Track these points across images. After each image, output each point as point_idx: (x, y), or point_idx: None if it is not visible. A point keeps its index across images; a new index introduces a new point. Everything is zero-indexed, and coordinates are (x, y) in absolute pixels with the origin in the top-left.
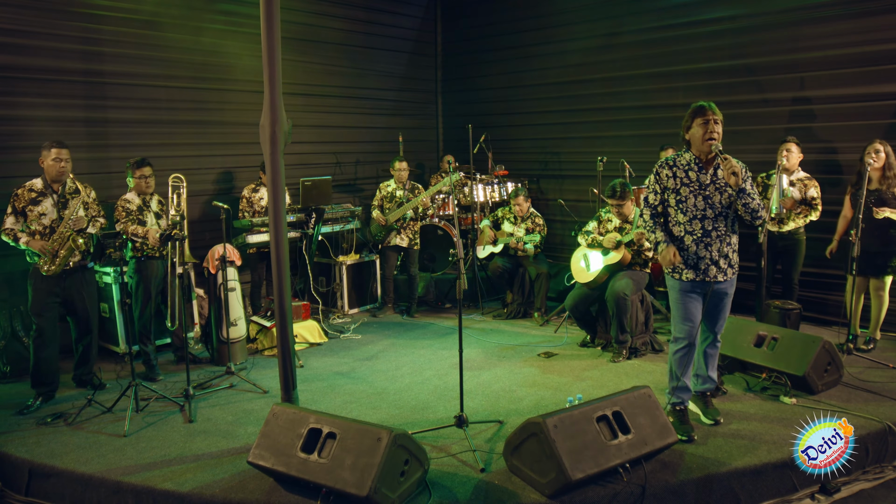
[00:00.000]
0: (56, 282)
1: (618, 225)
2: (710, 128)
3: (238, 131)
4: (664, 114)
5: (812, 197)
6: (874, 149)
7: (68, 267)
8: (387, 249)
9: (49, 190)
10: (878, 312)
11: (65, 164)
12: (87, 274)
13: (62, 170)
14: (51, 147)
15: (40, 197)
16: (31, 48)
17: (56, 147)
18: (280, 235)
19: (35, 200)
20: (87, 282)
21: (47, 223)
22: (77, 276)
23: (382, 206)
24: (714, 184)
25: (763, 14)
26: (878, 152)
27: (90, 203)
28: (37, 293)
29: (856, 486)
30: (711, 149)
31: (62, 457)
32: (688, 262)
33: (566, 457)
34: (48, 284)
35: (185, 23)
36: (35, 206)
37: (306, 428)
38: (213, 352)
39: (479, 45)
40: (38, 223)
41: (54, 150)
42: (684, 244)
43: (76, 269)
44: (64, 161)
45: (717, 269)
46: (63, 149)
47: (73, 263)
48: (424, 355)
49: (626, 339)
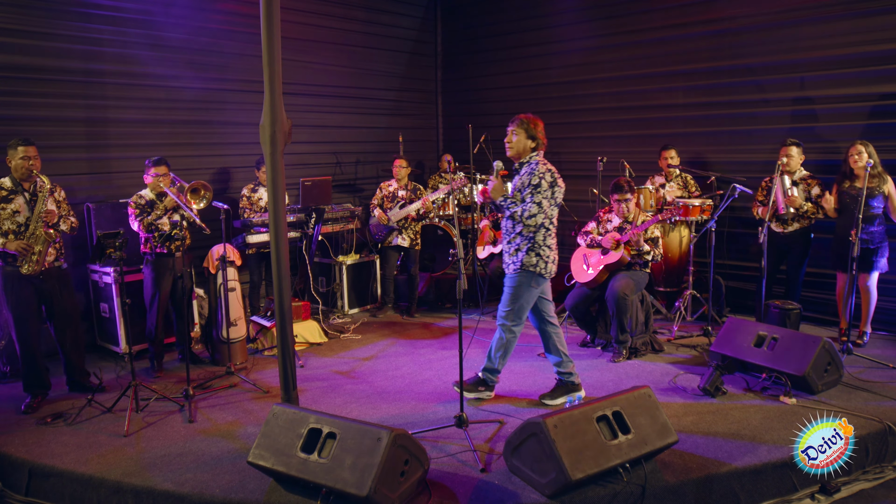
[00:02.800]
0: (33, 282)
1: (618, 225)
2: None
3: (238, 131)
4: (664, 114)
5: (817, 195)
6: (856, 150)
7: (45, 267)
8: (387, 249)
9: (20, 188)
10: (868, 307)
11: (33, 161)
12: (62, 274)
13: (30, 167)
14: (17, 145)
15: (11, 195)
16: (31, 48)
17: (23, 145)
18: (280, 235)
19: (6, 199)
20: (63, 282)
21: (22, 220)
22: (54, 278)
23: (383, 205)
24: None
25: (763, 14)
26: (861, 153)
27: (61, 202)
28: (13, 296)
29: (856, 486)
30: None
31: (62, 457)
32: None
33: (566, 457)
34: (25, 287)
35: (185, 22)
36: (7, 205)
37: (306, 428)
38: (213, 352)
39: (479, 45)
40: (11, 221)
41: (21, 147)
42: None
43: (52, 269)
44: (32, 159)
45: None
46: (30, 146)
47: (49, 264)
48: (424, 355)
49: (626, 339)
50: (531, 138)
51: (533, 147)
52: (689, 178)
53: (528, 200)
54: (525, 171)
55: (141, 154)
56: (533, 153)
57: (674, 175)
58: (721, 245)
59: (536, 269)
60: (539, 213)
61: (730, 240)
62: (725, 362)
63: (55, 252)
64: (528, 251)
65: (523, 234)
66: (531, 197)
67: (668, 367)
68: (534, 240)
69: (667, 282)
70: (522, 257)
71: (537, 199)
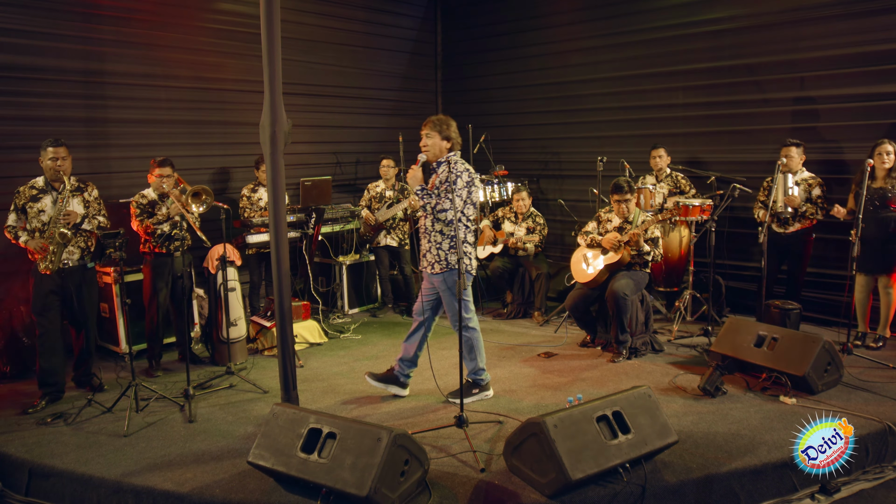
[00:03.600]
0: (56, 281)
1: (617, 225)
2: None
3: (238, 131)
4: (664, 114)
5: (817, 196)
6: (885, 150)
7: (67, 266)
8: (378, 249)
9: (49, 188)
10: (888, 310)
11: (61, 162)
12: (86, 274)
13: (59, 168)
14: (47, 146)
15: (41, 194)
16: (31, 48)
17: (52, 146)
18: (280, 235)
19: (35, 197)
20: (86, 282)
21: (46, 220)
22: (76, 276)
23: (370, 206)
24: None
25: (763, 14)
26: (889, 154)
27: (91, 201)
28: (37, 293)
29: (856, 486)
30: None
31: (62, 457)
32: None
33: (566, 457)
34: (48, 284)
35: (185, 22)
36: (35, 203)
37: (306, 428)
38: (213, 352)
39: (479, 45)
40: (37, 220)
41: (50, 149)
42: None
43: (76, 268)
44: (60, 159)
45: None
46: (59, 147)
47: (73, 263)
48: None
49: (626, 339)
50: (446, 139)
51: (449, 147)
52: (680, 177)
53: (441, 195)
54: (443, 169)
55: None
56: (450, 153)
57: (664, 175)
58: (721, 245)
59: (462, 265)
60: (450, 208)
61: (730, 240)
62: (725, 362)
63: (79, 251)
64: (451, 249)
65: (444, 233)
66: (445, 192)
67: (668, 367)
68: (456, 237)
69: (667, 282)
70: (448, 256)
71: (451, 195)
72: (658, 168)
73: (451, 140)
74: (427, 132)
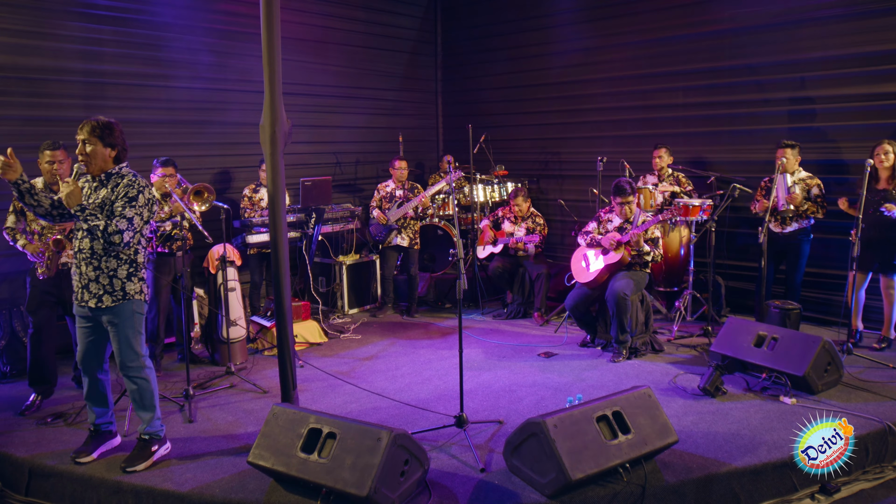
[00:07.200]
0: (53, 280)
1: (618, 225)
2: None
3: (238, 131)
4: (664, 114)
5: (815, 195)
6: (883, 150)
7: (67, 268)
8: (387, 249)
9: (48, 190)
10: (891, 311)
11: (59, 165)
12: None
13: (56, 172)
14: (44, 149)
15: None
16: (31, 48)
17: (50, 149)
18: (280, 235)
19: None
20: None
21: (44, 223)
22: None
23: (381, 206)
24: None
25: (763, 14)
26: (888, 153)
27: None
28: (33, 291)
29: (856, 486)
30: None
31: (62, 457)
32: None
33: (566, 457)
34: (45, 282)
35: (186, 22)
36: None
37: (306, 428)
38: (213, 352)
39: (479, 45)
40: (36, 223)
41: (48, 152)
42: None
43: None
44: (58, 163)
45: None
46: (57, 150)
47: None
48: (424, 355)
49: (626, 339)
50: (110, 146)
51: (115, 156)
52: (681, 176)
53: (117, 213)
54: (115, 183)
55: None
56: (120, 164)
57: (666, 175)
58: (721, 245)
59: (142, 295)
60: (128, 229)
61: (730, 240)
62: (725, 362)
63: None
64: (130, 277)
65: (121, 258)
66: (122, 209)
67: (668, 367)
68: (136, 262)
69: (667, 282)
70: (126, 285)
71: (129, 213)
72: (660, 168)
73: (115, 147)
74: (85, 139)
